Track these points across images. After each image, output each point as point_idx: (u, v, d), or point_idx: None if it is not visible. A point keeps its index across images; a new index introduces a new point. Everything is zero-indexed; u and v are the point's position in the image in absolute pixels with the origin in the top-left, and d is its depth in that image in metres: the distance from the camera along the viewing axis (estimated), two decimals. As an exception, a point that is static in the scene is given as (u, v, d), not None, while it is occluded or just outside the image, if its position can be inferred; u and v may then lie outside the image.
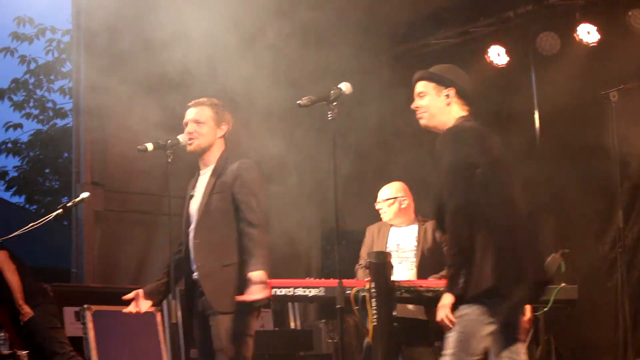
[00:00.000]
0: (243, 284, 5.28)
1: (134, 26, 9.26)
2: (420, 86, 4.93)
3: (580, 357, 9.29)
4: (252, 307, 5.33)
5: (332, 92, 4.74)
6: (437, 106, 4.86)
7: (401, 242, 7.06)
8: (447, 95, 4.86)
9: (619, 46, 8.95)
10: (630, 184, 8.43)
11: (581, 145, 9.55)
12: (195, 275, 5.40)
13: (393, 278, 6.26)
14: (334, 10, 9.98)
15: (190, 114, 5.54)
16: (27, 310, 7.38)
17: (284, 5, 9.53)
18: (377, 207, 7.24)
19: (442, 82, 4.90)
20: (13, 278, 7.38)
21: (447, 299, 4.67)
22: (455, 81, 4.91)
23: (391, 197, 7.11)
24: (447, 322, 4.66)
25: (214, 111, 5.54)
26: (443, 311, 4.69)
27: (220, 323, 5.25)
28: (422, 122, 4.90)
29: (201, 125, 5.47)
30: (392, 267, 6.29)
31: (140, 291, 5.62)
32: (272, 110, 10.84)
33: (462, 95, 4.91)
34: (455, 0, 10.55)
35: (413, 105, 4.91)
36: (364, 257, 7.25)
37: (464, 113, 4.90)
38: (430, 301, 6.15)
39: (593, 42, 9.36)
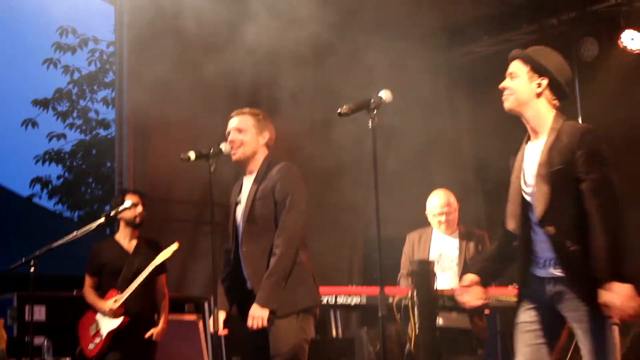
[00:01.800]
0: (296, 286, 5.33)
1: (177, 37, 9.32)
2: (514, 66, 4.66)
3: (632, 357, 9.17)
4: (309, 311, 5.37)
5: (372, 100, 4.64)
6: (526, 92, 4.56)
7: (444, 250, 7.03)
8: (539, 85, 4.56)
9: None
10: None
11: (626, 152, 9.46)
12: (248, 284, 5.42)
13: (436, 287, 6.24)
14: (374, 19, 9.99)
15: (233, 123, 5.58)
16: None
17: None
18: (433, 215, 7.17)
19: (537, 68, 4.59)
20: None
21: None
22: (552, 71, 4.57)
23: (452, 207, 7.07)
24: None
25: (256, 119, 5.56)
26: None
27: (277, 328, 5.25)
28: (506, 104, 4.62)
29: (243, 133, 5.51)
30: (435, 275, 6.28)
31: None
32: (314, 117, 10.90)
33: (554, 87, 4.58)
34: (497, 8, 10.51)
35: (501, 85, 4.67)
36: (404, 265, 7.23)
37: (552, 108, 4.59)
38: (473, 310, 6.10)
39: (637, 49, 9.31)
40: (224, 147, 5.48)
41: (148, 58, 9.71)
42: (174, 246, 7.29)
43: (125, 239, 7.48)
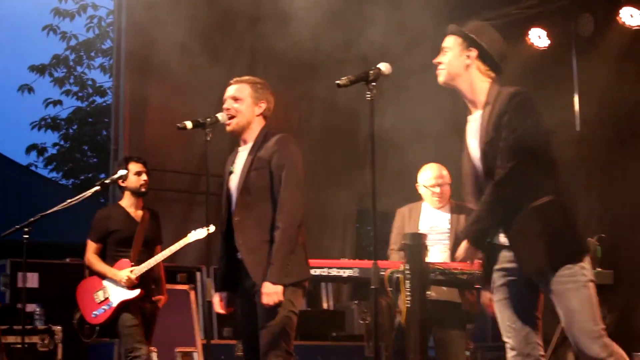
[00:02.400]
0: None
1: (176, 5, 9.30)
2: (446, 41, 4.65)
3: (619, 339, 9.24)
4: (299, 284, 5.31)
5: (371, 72, 4.60)
6: (456, 65, 4.56)
7: (434, 224, 7.01)
8: (468, 56, 4.55)
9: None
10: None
11: (621, 128, 9.50)
12: (239, 254, 5.37)
13: (427, 260, 6.24)
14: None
15: (230, 91, 5.51)
16: None
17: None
18: (426, 189, 7.16)
19: (467, 41, 4.57)
20: None
21: None
22: (482, 43, 4.56)
23: (445, 179, 7.06)
24: None
25: (253, 89, 5.48)
26: None
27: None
28: (440, 78, 4.61)
29: (239, 102, 5.44)
30: (427, 249, 6.27)
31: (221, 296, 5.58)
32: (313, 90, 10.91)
33: (484, 59, 4.55)
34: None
35: (434, 60, 4.65)
36: (395, 240, 7.20)
37: (488, 80, 4.56)
38: (464, 284, 6.12)
39: (636, 25, 9.32)
40: (220, 116, 5.42)
41: (146, 26, 9.68)
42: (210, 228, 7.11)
43: (131, 207, 7.37)
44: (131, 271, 7.11)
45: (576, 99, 10.18)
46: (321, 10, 10.21)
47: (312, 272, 7.00)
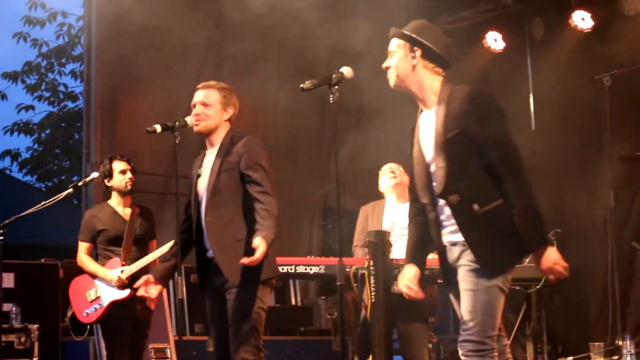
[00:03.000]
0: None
1: (145, 10, 9.46)
2: (391, 44, 4.66)
3: (572, 332, 9.51)
4: (267, 282, 5.48)
5: (334, 75, 4.71)
6: (404, 67, 4.58)
7: (396, 220, 7.14)
8: (414, 57, 4.57)
9: (613, 32, 9.11)
10: (620, 163, 8.61)
11: (574, 127, 9.75)
12: (210, 253, 5.53)
13: (391, 256, 6.44)
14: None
15: (198, 96, 5.64)
16: None
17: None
18: (384, 174, 7.32)
19: (411, 41, 4.59)
20: None
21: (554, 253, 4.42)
22: (425, 42, 4.58)
23: (402, 171, 7.19)
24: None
25: (222, 94, 5.63)
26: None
27: (236, 297, 5.38)
28: (390, 82, 4.64)
29: (208, 108, 5.57)
30: (391, 245, 6.46)
31: (150, 277, 5.69)
32: (278, 94, 11.12)
33: (430, 57, 4.58)
34: (457, -14, 10.74)
35: (383, 65, 4.66)
36: (358, 237, 7.32)
37: (438, 77, 4.60)
38: (426, 279, 6.31)
39: (587, 28, 9.54)
40: (189, 120, 5.55)
41: (116, 31, 9.87)
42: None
43: (119, 206, 7.33)
44: (122, 271, 7.05)
45: (531, 99, 10.45)
46: (286, 17, 10.47)
47: (280, 269, 7.24)
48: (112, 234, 7.22)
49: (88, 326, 7.50)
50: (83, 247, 7.34)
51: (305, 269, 7.45)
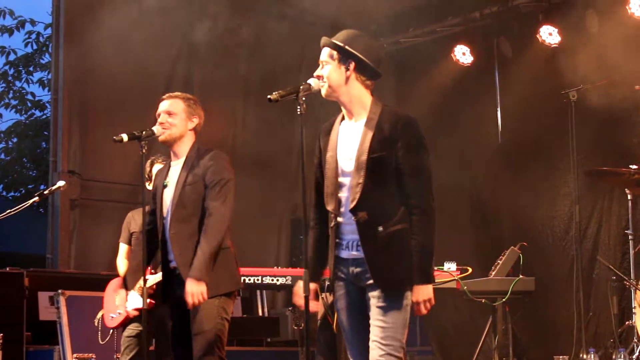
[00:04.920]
0: (222, 271, 5.48)
1: (114, 18, 9.47)
2: (323, 53, 4.67)
3: (538, 345, 9.57)
4: (230, 292, 5.54)
5: (301, 87, 4.66)
6: (336, 78, 4.61)
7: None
8: (347, 69, 4.60)
9: (579, 47, 9.20)
10: (585, 178, 8.70)
11: (541, 141, 9.84)
12: (173, 263, 5.55)
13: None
14: (304, 7, 10.25)
15: (163, 106, 5.68)
16: None
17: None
18: None
19: (344, 53, 4.60)
20: None
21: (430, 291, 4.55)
22: (358, 53, 4.59)
23: None
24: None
25: (186, 104, 5.66)
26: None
27: (200, 307, 5.39)
28: (322, 92, 4.65)
29: (173, 117, 5.60)
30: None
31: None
32: (247, 105, 11.18)
33: (364, 69, 4.62)
34: (423, 0, 10.80)
35: (315, 73, 4.68)
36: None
37: (366, 90, 4.65)
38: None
39: (554, 44, 9.63)
40: (156, 129, 5.58)
41: (85, 40, 9.87)
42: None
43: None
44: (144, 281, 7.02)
45: (499, 112, 10.53)
46: (254, 34, 10.53)
47: (247, 280, 7.30)
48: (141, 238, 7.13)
49: (111, 330, 7.39)
50: (120, 249, 7.41)
51: (272, 280, 7.50)
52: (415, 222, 4.50)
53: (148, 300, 6.80)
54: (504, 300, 7.63)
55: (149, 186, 7.27)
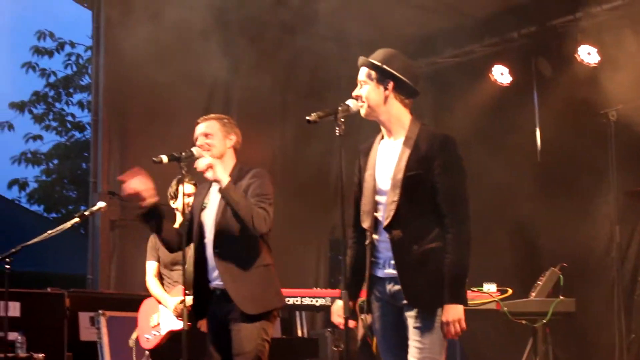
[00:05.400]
0: (267, 287, 5.54)
1: (154, 41, 9.55)
2: (361, 74, 4.73)
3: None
4: (271, 313, 5.56)
5: (339, 108, 4.68)
6: (375, 98, 4.66)
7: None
8: (386, 88, 4.66)
9: (619, 66, 9.14)
10: (625, 199, 8.64)
11: (580, 161, 9.77)
12: (215, 283, 5.57)
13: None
14: (341, 26, 10.29)
15: (200, 129, 5.72)
16: None
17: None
18: None
19: (382, 72, 4.66)
20: None
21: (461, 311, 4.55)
22: (396, 73, 4.65)
23: None
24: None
25: (221, 123, 5.71)
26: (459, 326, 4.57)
27: (242, 328, 5.43)
28: (361, 112, 4.70)
29: (210, 137, 5.65)
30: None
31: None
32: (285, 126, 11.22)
33: (402, 88, 4.67)
34: (460, 20, 10.79)
35: (353, 93, 4.74)
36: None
37: (405, 109, 4.71)
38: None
39: (594, 63, 9.58)
40: (195, 150, 5.60)
41: (124, 61, 9.96)
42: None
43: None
44: (181, 301, 6.48)
45: (538, 132, 10.47)
46: (294, 51, 10.57)
47: (287, 301, 7.29)
48: (172, 256, 7.10)
49: (146, 352, 7.34)
50: (150, 267, 7.36)
51: (311, 301, 7.52)
52: (449, 241, 4.50)
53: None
54: (544, 321, 7.56)
55: (173, 204, 7.32)
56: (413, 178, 4.55)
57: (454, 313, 4.46)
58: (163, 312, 7.15)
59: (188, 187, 7.15)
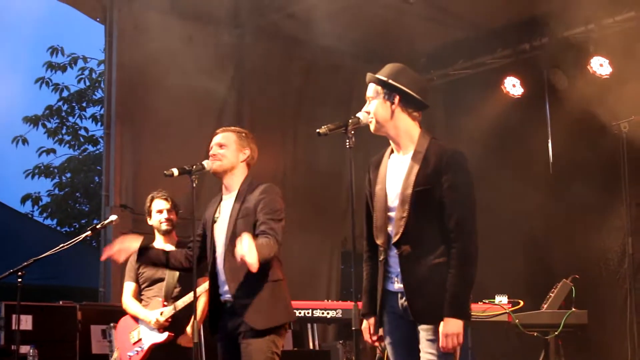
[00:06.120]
0: (276, 302, 5.52)
1: (165, 56, 9.58)
2: (369, 90, 4.74)
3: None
4: (281, 327, 5.55)
5: (350, 120, 4.68)
6: (383, 113, 4.66)
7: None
8: (393, 103, 4.65)
9: (631, 78, 9.14)
10: (638, 210, 8.63)
11: (592, 172, 9.75)
12: (226, 296, 5.56)
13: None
14: (354, 39, 10.31)
15: (216, 139, 5.73)
16: None
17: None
18: None
19: (387, 87, 4.66)
20: None
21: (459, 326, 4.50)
22: (402, 86, 4.65)
23: None
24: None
25: (238, 137, 5.70)
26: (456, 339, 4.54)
27: (251, 342, 5.42)
28: (370, 128, 4.71)
29: (224, 148, 5.65)
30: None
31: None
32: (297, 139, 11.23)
33: (406, 102, 4.67)
34: (472, 32, 10.81)
35: (363, 109, 4.74)
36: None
37: (413, 122, 4.70)
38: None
39: (606, 74, 9.57)
40: (206, 164, 5.61)
41: (136, 76, 10.01)
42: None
43: (161, 245, 7.12)
44: (161, 313, 6.89)
45: (550, 144, 10.47)
46: (298, 65, 10.58)
47: (298, 313, 7.27)
48: (150, 274, 7.12)
49: None
50: (127, 287, 7.29)
51: (323, 313, 7.50)
52: (453, 256, 4.50)
53: (166, 334, 6.89)
54: (556, 333, 7.55)
55: (150, 221, 7.31)
56: (422, 193, 4.54)
57: (451, 327, 4.43)
58: (142, 327, 7.07)
59: (160, 203, 7.19)
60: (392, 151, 4.77)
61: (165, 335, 6.92)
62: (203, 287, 6.62)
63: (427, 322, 4.52)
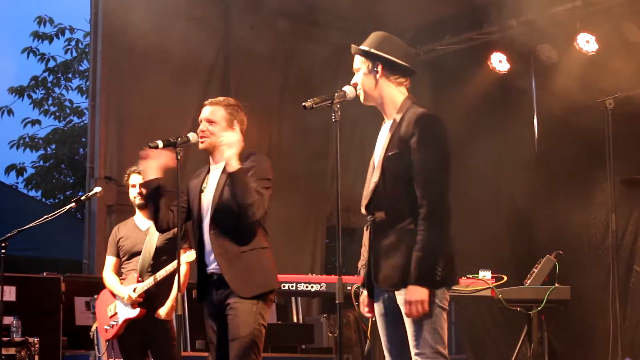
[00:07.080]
0: (263, 269, 5.50)
1: (151, 27, 9.54)
2: (355, 61, 4.73)
3: (574, 354, 9.53)
4: (267, 297, 5.52)
5: (336, 94, 4.65)
6: (368, 82, 4.66)
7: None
8: (376, 72, 4.64)
9: (617, 55, 9.15)
10: (622, 187, 8.65)
11: (577, 149, 9.78)
12: (212, 267, 5.54)
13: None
14: (340, 14, 10.28)
15: (205, 112, 5.65)
16: None
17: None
18: None
19: (369, 57, 4.65)
20: None
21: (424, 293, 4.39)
22: (384, 54, 4.63)
23: None
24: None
25: (228, 112, 5.63)
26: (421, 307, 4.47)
27: (238, 313, 5.40)
28: (360, 98, 4.70)
29: (213, 125, 5.58)
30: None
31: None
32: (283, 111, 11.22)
33: (390, 69, 4.64)
34: (459, 8, 10.79)
35: (351, 82, 4.72)
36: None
37: (399, 87, 4.67)
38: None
39: (592, 51, 9.58)
40: (192, 136, 5.59)
41: (122, 47, 9.98)
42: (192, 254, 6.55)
43: (140, 219, 7.16)
44: (134, 289, 6.91)
45: (535, 121, 10.50)
46: (291, 37, 10.55)
47: (282, 286, 7.28)
48: (128, 247, 7.11)
49: (107, 342, 7.32)
50: (108, 261, 7.29)
51: (307, 287, 7.51)
52: (420, 222, 4.41)
53: (138, 310, 6.91)
54: (539, 308, 7.60)
55: (131, 196, 7.29)
56: (392, 158, 4.51)
57: (415, 294, 4.35)
58: (118, 302, 7.08)
59: (135, 178, 7.13)
60: (383, 122, 4.75)
61: (137, 311, 6.92)
62: (183, 257, 6.70)
63: (391, 289, 4.49)
